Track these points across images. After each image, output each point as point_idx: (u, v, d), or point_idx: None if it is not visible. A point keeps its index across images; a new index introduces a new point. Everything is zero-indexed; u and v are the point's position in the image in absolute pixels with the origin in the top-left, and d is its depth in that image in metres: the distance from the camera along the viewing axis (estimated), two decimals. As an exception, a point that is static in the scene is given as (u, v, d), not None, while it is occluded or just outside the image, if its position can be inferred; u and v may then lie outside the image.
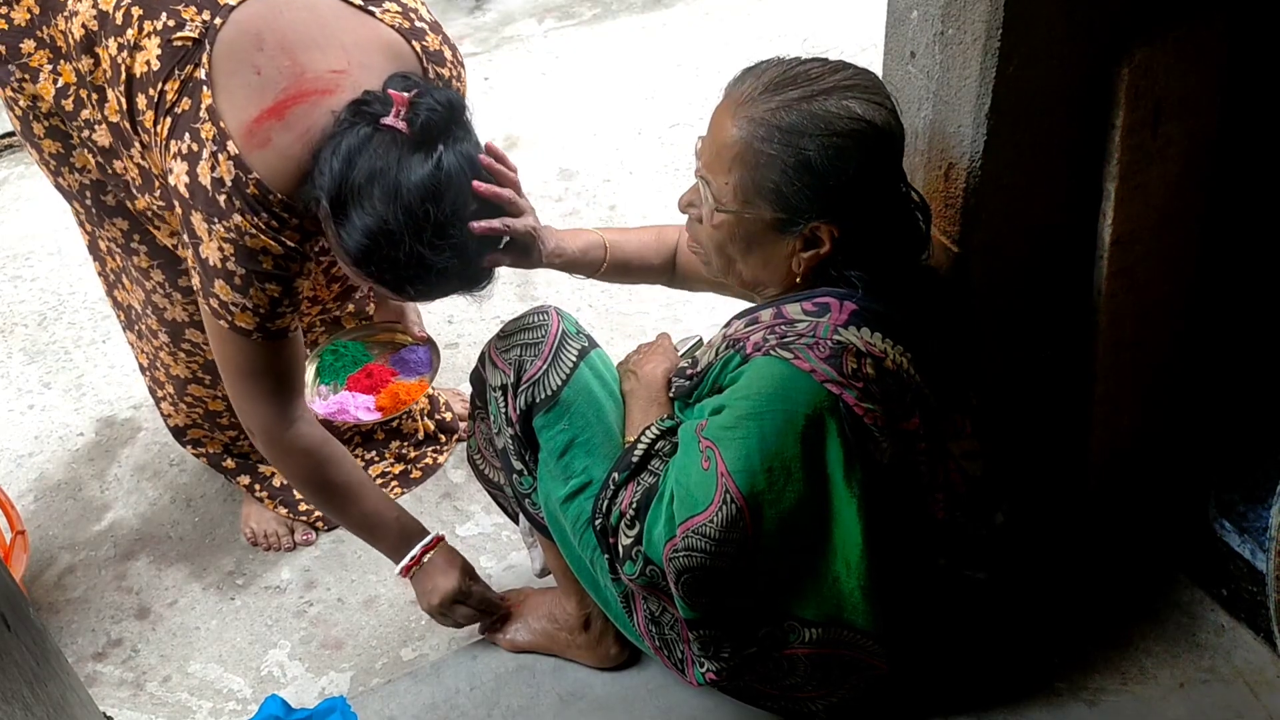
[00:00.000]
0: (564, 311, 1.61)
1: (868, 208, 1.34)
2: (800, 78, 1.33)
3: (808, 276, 1.40)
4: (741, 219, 1.37)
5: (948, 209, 1.53)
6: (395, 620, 2.01)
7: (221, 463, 2.16)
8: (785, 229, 1.35)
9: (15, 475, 2.36)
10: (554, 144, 3.20)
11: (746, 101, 1.34)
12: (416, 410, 2.31)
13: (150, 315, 1.90)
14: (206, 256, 1.50)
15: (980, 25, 1.35)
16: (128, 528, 2.24)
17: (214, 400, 2.03)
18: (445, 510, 2.22)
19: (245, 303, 1.52)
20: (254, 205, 1.47)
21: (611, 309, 2.66)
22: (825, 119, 1.30)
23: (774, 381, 1.35)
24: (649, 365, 1.60)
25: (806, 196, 1.32)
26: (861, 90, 1.32)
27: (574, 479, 1.54)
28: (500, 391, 1.58)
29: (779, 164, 1.31)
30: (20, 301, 2.81)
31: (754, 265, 1.42)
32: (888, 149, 1.34)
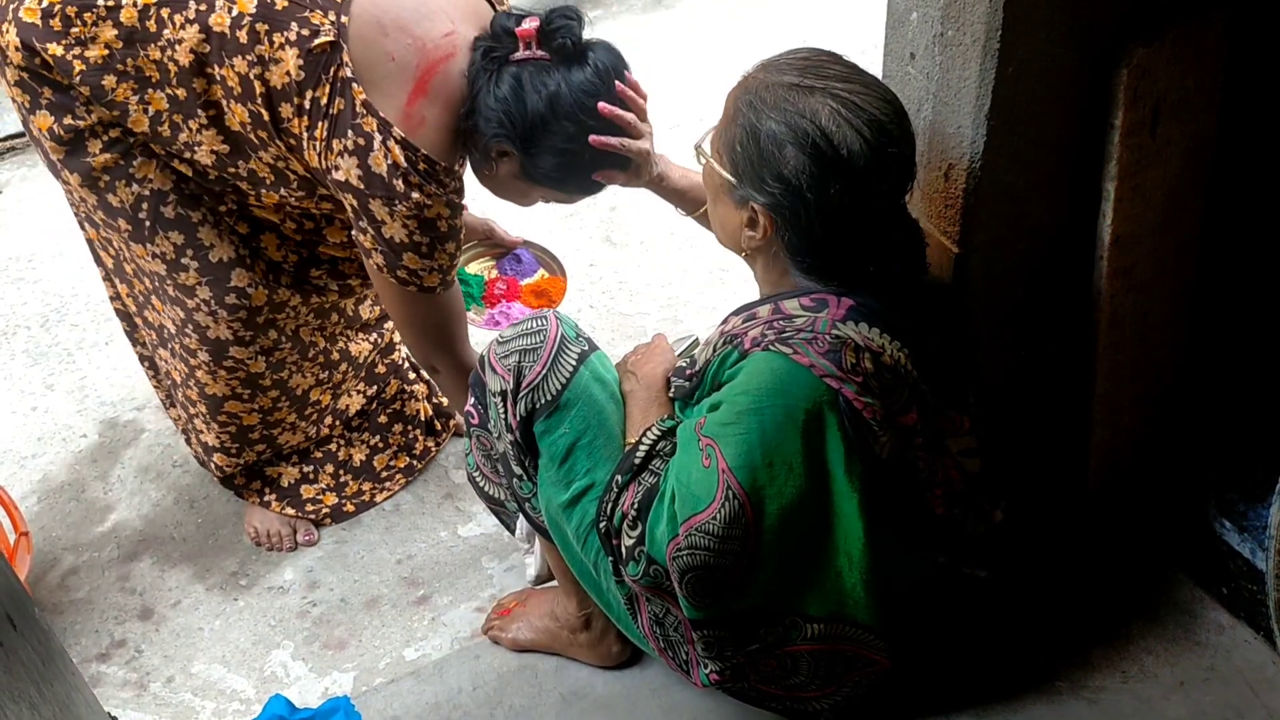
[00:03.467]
0: (563, 315, 1.62)
1: (808, 214, 1.34)
2: (811, 69, 1.35)
3: (768, 266, 1.44)
4: (710, 168, 1.43)
5: (947, 209, 1.54)
6: (398, 621, 2.02)
7: (233, 480, 2.18)
8: (733, 196, 1.40)
9: (18, 477, 2.37)
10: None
11: (765, 65, 1.39)
12: (420, 393, 2.32)
13: (190, 334, 1.91)
14: (392, 235, 1.67)
15: (980, 27, 1.36)
16: (131, 529, 2.25)
17: (249, 415, 2.04)
18: (447, 510, 2.23)
19: (432, 265, 1.71)
20: (427, 178, 1.63)
21: (612, 309, 2.66)
22: (792, 109, 1.32)
23: (773, 377, 1.36)
24: (648, 365, 1.61)
25: (750, 171, 1.36)
26: (849, 107, 1.31)
27: (576, 482, 1.54)
28: (500, 397, 1.58)
29: (742, 127, 1.36)
30: (23, 304, 2.82)
31: (717, 220, 1.49)
32: (838, 169, 1.31)
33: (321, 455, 2.22)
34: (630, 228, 2.90)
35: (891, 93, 1.36)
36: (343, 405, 2.19)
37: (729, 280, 2.65)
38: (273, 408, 2.04)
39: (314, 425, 2.16)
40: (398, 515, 2.23)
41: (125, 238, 1.82)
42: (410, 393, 2.30)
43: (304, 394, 2.07)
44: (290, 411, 2.08)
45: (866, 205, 1.35)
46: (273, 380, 2.00)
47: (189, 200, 1.78)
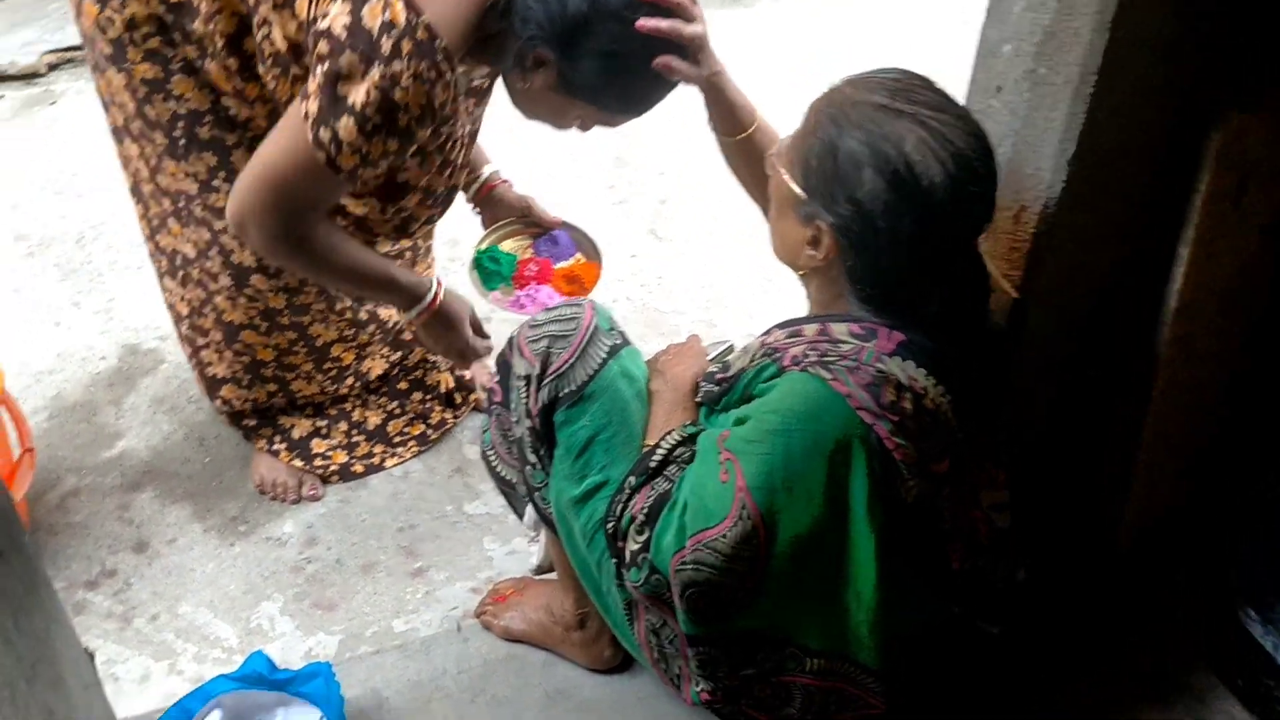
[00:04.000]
0: (600, 306, 1.57)
1: (877, 242, 1.28)
2: (901, 91, 1.29)
3: (823, 287, 1.38)
4: (780, 179, 1.36)
5: (1013, 252, 1.48)
6: (391, 589, 1.99)
7: (243, 420, 2.14)
8: (800, 210, 1.34)
9: (32, 390, 2.35)
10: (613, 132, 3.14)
11: (854, 82, 1.33)
12: (443, 364, 2.28)
13: (214, 258, 1.87)
14: (346, 94, 1.45)
15: (1074, 68, 1.30)
16: (137, 459, 2.22)
17: (264, 349, 2.00)
18: (456, 485, 2.19)
19: (361, 147, 1.48)
20: (421, 49, 1.43)
21: (648, 304, 2.62)
22: (877, 131, 1.26)
23: (806, 400, 1.31)
24: (678, 367, 1.56)
25: (821, 188, 1.30)
26: (937, 137, 1.25)
27: (590, 478, 1.50)
28: (524, 381, 1.54)
29: (820, 140, 1.30)
30: (61, 218, 2.80)
31: (778, 233, 1.42)
32: (915, 200, 1.25)
33: (336, 413, 2.19)
34: (677, 222, 2.85)
35: (981, 128, 1.30)
36: (365, 368, 2.16)
37: (771, 289, 2.59)
38: (289, 349, 2.00)
39: (333, 382, 2.12)
40: (405, 483, 2.19)
41: (160, 151, 1.78)
42: (433, 363, 2.26)
43: (325, 347, 2.03)
44: (307, 360, 2.05)
45: (939, 241, 1.30)
46: (291, 321, 1.96)
47: (224, 123, 1.74)
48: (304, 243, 1.61)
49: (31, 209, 2.82)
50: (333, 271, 1.69)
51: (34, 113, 3.16)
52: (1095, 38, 1.26)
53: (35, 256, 2.68)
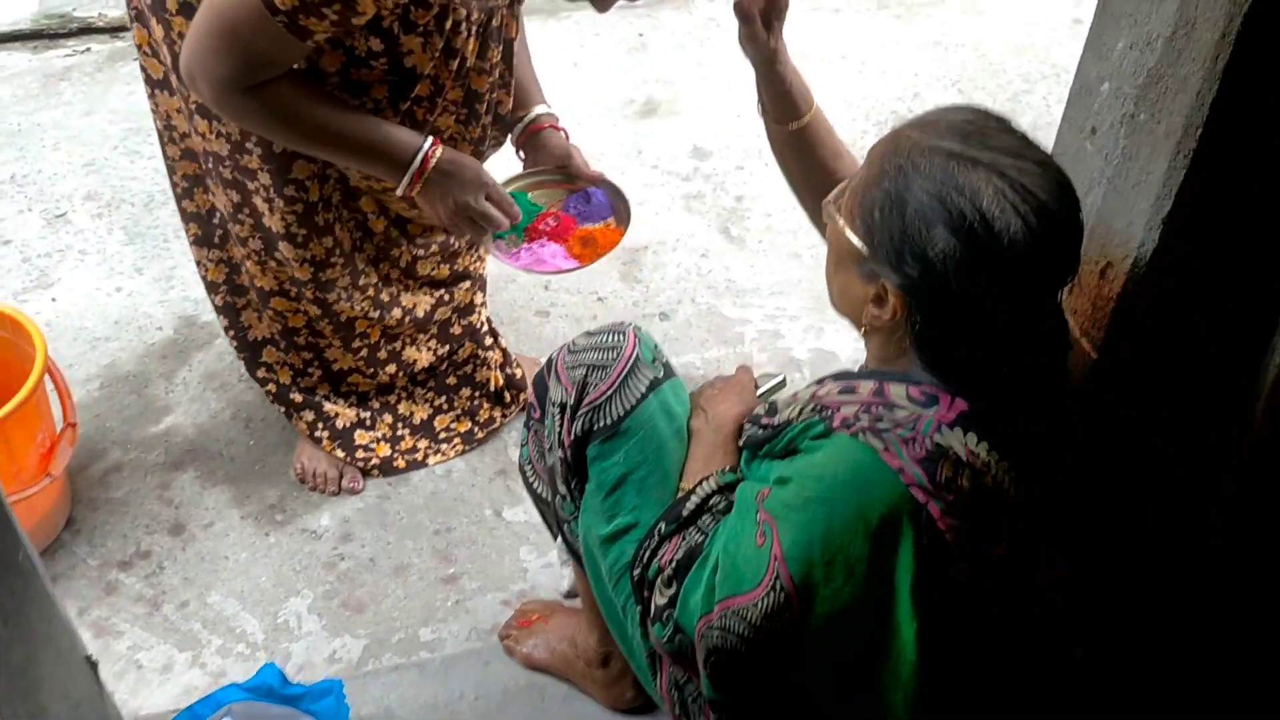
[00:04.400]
0: (644, 334, 1.48)
1: (949, 304, 1.16)
2: (974, 135, 1.16)
3: (885, 345, 1.25)
4: (839, 231, 1.23)
5: (1096, 311, 1.35)
6: (422, 595, 1.94)
7: (288, 395, 2.09)
8: (863, 267, 1.21)
9: (88, 357, 2.34)
10: (694, 118, 3.05)
11: (919, 124, 1.20)
12: (494, 361, 2.21)
13: (245, 219, 1.83)
14: None
15: (1179, 119, 1.16)
16: (183, 436, 2.20)
17: (294, 315, 1.96)
18: (497, 488, 2.13)
19: None
20: None
21: (714, 309, 2.51)
22: (949, 183, 1.13)
23: (854, 470, 1.20)
24: (723, 405, 1.47)
25: (887, 245, 1.17)
26: (1017, 189, 1.11)
27: (620, 518, 1.41)
28: (559, 409, 1.46)
29: (886, 193, 1.17)
30: (132, 178, 2.79)
31: (837, 286, 1.30)
32: (994, 258, 1.12)
33: (380, 404, 2.14)
34: (752, 223, 2.74)
35: (1065, 175, 1.17)
36: (409, 357, 2.10)
37: (843, 302, 2.47)
38: (319, 318, 1.95)
39: (369, 365, 2.06)
40: (447, 482, 2.14)
41: (193, 110, 1.73)
42: (484, 359, 2.19)
43: (349, 322, 1.97)
44: (335, 336, 1.99)
45: (1018, 301, 1.17)
46: (315, 296, 1.90)
47: None
48: (258, 99, 1.52)
49: (105, 168, 2.81)
50: (298, 132, 1.59)
51: (117, 68, 3.16)
52: (1205, 88, 1.12)
53: (103, 217, 2.68)
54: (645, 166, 2.89)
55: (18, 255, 2.56)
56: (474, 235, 1.74)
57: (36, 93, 3.05)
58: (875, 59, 3.24)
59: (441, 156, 1.64)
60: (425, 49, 1.58)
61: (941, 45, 3.31)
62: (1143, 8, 1.18)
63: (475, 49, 1.66)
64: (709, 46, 3.31)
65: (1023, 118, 2.99)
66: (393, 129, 1.63)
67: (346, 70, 1.59)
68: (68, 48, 3.23)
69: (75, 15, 3.29)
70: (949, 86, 3.15)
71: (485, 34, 1.68)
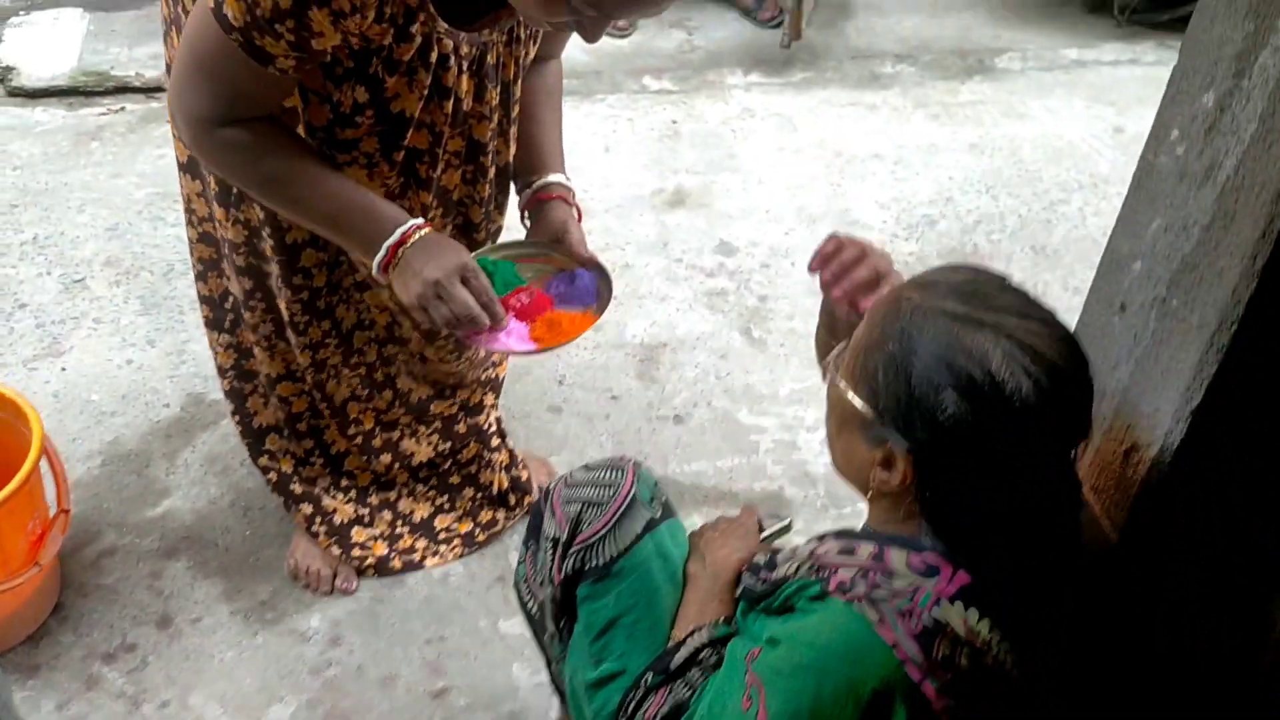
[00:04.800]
0: (644, 471, 1.43)
1: (961, 468, 1.11)
2: (976, 296, 1.12)
3: (890, 509, 1.20)
4: (843, 394, 1.19)
5: (1118, 492, 1.28)
6: (408, 710, 1.87)
7: (289, 485, 2.05)
8: (868, 432, 1.16)
9: (92, 432, 2.31)
10: (722, 211, 3.01)
11: (918, 285, 1.17)
12: (498, 462, 2.17)
13: (258, 304, 1.80)
14: None
15: (1212, 311, 1.11)
16: (179, 522, 2.16)
17: (299, 399, 1.93)
18: (494, 596, 2.07)
19: None
20: None
21: (729, 414, 2.45)
22: (952, 348, 1.08)
23: (847, 640, 1.14)
24: (723, 551, 1.41)
25: (894, 410, 1.12)
26: (1024, 349, 1.07)
27: (607, 663, 1.36)
28: (552, 544, 1.41)
29: (890, 356, 1.12)
30: (154, 245, 2.78)
31: (840, 450, 1.24)
32: (1006, 419, 1.08)
33: (379, 501, 2.09)
34: (775, 325, 2.68)
35: (1069, 331, 1.13)
36: (407, 449, 2.05)
37: (862, 417, 2.41)
38: (319, 400, 1.92)
39: (363, 453, 2.02)
40: (443, 587, 2.08)
41: (212, 196, 1.71)
42: (488, 460, 2.15)
43: (342, 405, 1.93)
44: (332, 420, 1.96)
45: (1031, 459, 1.12)
46: (313, 380, 1.88)
47: None
48: (232, 138, 1.43)
49: (127, 234, 2.81)
50: (272, 182, 1.48)
51: (149, 129, 3.17)
52: (1241, 285, 1.07)
53: (121, 285, 2.66)
54: (670, 260, 2.86)
55: (32, 320, 2.55)
56: (442, 323, 1.52)
57: (67, 151, 3.06)
58: (909, 159, 3.20)
59: (419, 239, 1.50)
60: (412, 87, 1.48)
61: (978, 148, 3.26)
62: (1180, 191, 1.13)
63: (471, 89, 1.56)
64: (742, 137, 3.28)
65: (1057, 228, 2.96)
66: (380, 202, 1.51)
67: (332, 127, 1.52)
68: (103, 106, 3.25)
69: (112, 74, 3.32)
70: (983, 192, 3.10)
71: (480, 73, 1.57)
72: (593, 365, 2.54)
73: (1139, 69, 3.62)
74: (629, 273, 2.78)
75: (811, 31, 3.71)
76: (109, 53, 3.40)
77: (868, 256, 1.32)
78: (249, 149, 1.45)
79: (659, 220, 2.98)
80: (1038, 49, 3.72)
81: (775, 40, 3.64)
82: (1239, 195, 1.05)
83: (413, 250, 1.49)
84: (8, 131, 3.12)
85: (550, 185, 1.75)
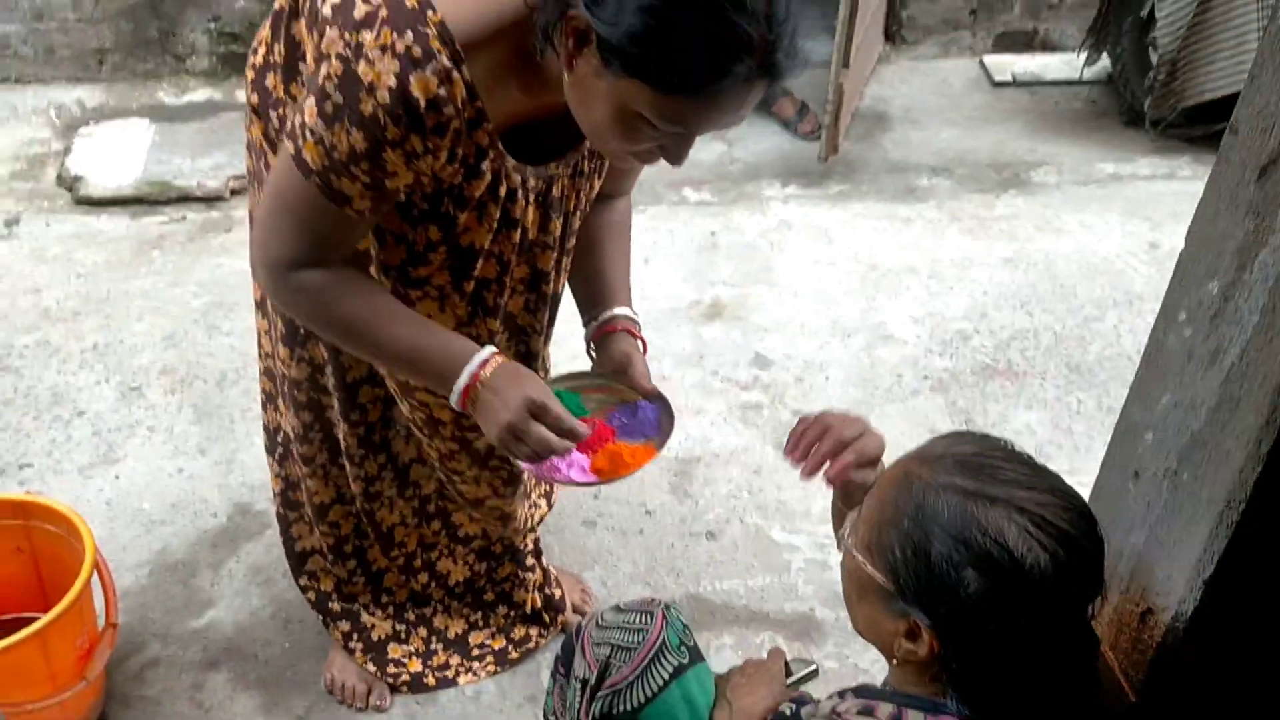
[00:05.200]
0: (674, 614, 1.47)
1: (985, 641, 1.14)
2: (985, 469, 1.15)
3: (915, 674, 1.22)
4: (860, 565, 1.21)
5: (1136, 651, 1.30)
6: (436, 833, 1.90)
7: (328, 604, 2.11)
8: (890, 604, 1.18)
9: (141, 541, 2.39)
10: (757, 324, 3.07)
11: (925, 459, 1.19)
12: (532, 582, 2.21)
13: (315, 436, 1.87)
14: (314, 72, 1.33)
15: (1221, 489, 1.14)
16: (221, 633, 2.22)
17: (346, 521, 1.99)
18: (525, 715, 2.10)
19: (323, 134, 1.31)
20: (400, 19, 1.26)
21: (762, 531, 2.48)
22: (968, 526, 1.11)
23: None
24: (749, 698, 1.44)
25: (915, 587, 1.15)
26: (1037, 522, 1.10)
27: (633, 808, 1.39)
28: (580, 684, 1.45)
29: (907, 536, 1.15)
30: (209, 354, 2.88)
31: (862, 618, 1.26)
32: (1030, 592, 1.11)
33: (415, 617, 2.14)
34: (808, 442, 2.72)
35: (1079, 498, 1.16)
36: (443, 569, 2.10)
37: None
38: (366, 523, 1.98)
39: (404, 573, 2.07)
40: (475, 705, 2.12)
41: (278, 337, 1.78)
42: (522, 579, 2.19)
43: (389, 530, 1.99)
44: (375, 543, 2.02)
45: (1050, 623, 1.14)
46: (362, 506, 1.94)
47: None
48: (310, 282, 1.45)
49: (184, 342, 2.91)
50: (348, 325, 1.49)
51: (209, 238, 3.30)
52: (1248, 467, 1.10)
53: (176, 394, 2.76)
54: (706, 372, 2.91)
55: (89, 428, 2.65)
56: (526, 460, 1.53)
57: (129, 260, 3.19)
58: (944, 274, 3.25)
59: (491, 374, 1.49)
60: (482, 220, 1.52)
61: (1013, 263, 3.30)
62: (1189, 370, 1.17)
63: (536, 219, 1.60)
64: (778, 249, 3.35)
65: (1092, 345, 2.99)
66: (451, 340, 1.53)
67: (405, 266, 1.56)
68: (164, 215, 3.38)
69: (175, 183, 3.46)
70: (1018, 308, 3.13)
71: (546, 204, 1.60)
72: (627, 479, 2.58)
73: (1175, 184, 3.66)
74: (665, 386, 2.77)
75: (848, 144, 3.79)
76: (172, 163, 3.55)
77: (829, 430, 1.32)
78: (323, 291, 1.47)
79: (695, 332, 3.04)
80: (1073, 163, 3.77)
81: (813, 153, 3.72)
82: (1243, 382, 1.08)
83: (486, 390, 1.48)
84: (74, 239, 3.26)
85: (616, 318, 1.78)
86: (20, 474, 2.52)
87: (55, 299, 3.04)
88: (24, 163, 3.61)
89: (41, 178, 3.54)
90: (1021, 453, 1.19)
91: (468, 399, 1.49)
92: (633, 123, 1.30)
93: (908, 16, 4.29)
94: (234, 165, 3.54)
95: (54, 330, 2.93)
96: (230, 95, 3.94)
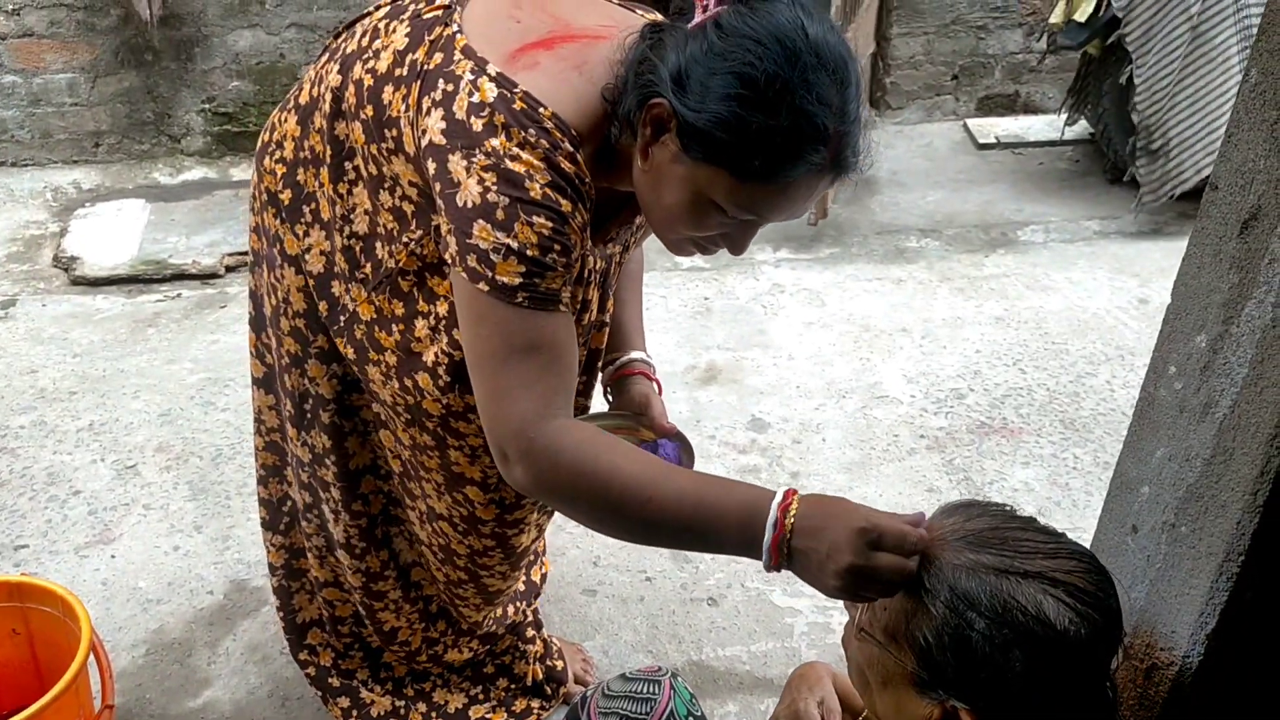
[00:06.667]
0: (680, 684, 1.46)
1: (1024, 709, 1.13)
2: (1008, 543, 1.15)
3: None
4: (884, 654, 1.20)
5: (1142, 707, 1.29)
6: None
7: (327, 679, 2.08)
8: (923, 689, 1.17)
9: (138, 620, 2.37)
10: (753, 388, 3.08)
11: (948, 542, 1.18)
12: (532, 654, 2.19)
13: (314, 519, 1.88)
14: (464, 201, 1.28)
15: (1220, 541, 1.14)
16: (218, 713, 2.19)
17: (343, 605, 1.99)
18: (529, 791, 2.07)
19: (510, 243, 1.26)
20: (520, 119, 1.27)
21: (763, 595, 2.47)
22: (1007, 606, 1.11)
23: None
24: None
25: (953, 671, 1.14)
26: (1067, 589, 1.11)
27: None
28: (587, 755, 1.43)
29: (938, 625, 1.14)
30: (204, 430, 2.88)
31: (887, 706, 1.24)
32: (1070, 659, 1.12)
33: (414, 692, 2.11)
34: (806, 504, 2.71)
35: (1093, 556, 1.17)
36: (450, 659, 2.09)
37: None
38: (365, 617, 1.97)
39: (405, 660, 2.06)
40: (477, 781, 2.08)
41: (286, 417, 1.79)
42: (523, 652, 2.17)
43: (391, 631, 1.98)
44: (375, 635, 2.01)
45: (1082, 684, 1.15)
46: (362, 601, 1.93)
47: (345, 411, 1.74)
48: (561, 438, 1.29)
49: (179, 419, 2.91)
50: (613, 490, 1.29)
51: (204, 315, 3.31)
52: (1245, 519, 1.10)
53: (171, 471, 2.75)
54: (703, 436, 2.91)
55: (85, 507, 2.64)
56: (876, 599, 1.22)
57: (125, 338, 3.20)
58: (936, 333, 3.27)
59: (797, 517, 1.23)
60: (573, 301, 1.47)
61: (1004, 321, 3.33)
62: (1181, 423, 1.18)
63: (598, 300, 1.59)
64: (771, 313, 3.38)
65: (1085, 401, 3.00)
66: (728, 485, 1.30)
67: None
68: (160, 293, 3.41)
69: (170, 261, 3.49)
70: (1011, 365, 3.15)
71: (605, 284, 1.60)
72: (627, 546, 2.58)
73: (1161, 240, 3.70)
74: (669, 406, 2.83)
75: (837, 208, 3.84)
76: (167, 241, 3.59)
77: None
78: (582, 446, 1.30)
79: (692, 397, 3.04)
80: (1060, 221, 3.82)
81: (803, 217, 3.77)
82: (1236, 434, 1.09)
83: (800, 539, 1.22)
84: (70, 319, 3.28)
85: (633, 361, 1.81)
86: (16, 555, 2.50)
87: (51, 379, 3.04)
88: (21, 245, 3.64)
89: (38, 259, 3.57)
90: (1029, 518, 1.19)
91: (778, 550, 1.23)
92: (705, 209, 1.30)
93: (891, 83, 4.38)
94: (229, 242, 3.58)
95: (50, 410, 2.93)
96: (225, 173, 3.99)
